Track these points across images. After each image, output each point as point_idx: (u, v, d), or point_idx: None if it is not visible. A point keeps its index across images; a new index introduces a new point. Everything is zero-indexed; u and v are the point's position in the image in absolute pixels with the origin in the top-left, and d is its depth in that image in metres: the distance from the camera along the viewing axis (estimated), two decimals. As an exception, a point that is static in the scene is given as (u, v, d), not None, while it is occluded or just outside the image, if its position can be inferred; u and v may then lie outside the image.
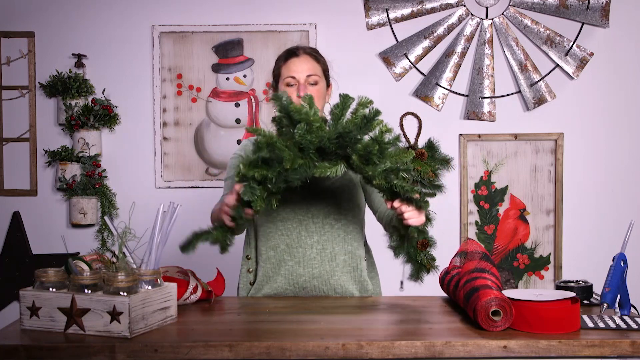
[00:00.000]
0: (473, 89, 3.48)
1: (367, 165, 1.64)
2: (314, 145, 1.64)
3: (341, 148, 1.64)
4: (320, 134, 1.64)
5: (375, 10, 3.48)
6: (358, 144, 1.62)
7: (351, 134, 1.62)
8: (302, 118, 1.66)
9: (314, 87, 2.09)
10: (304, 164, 1.62)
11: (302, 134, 1.63)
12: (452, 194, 3.51)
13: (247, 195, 1.64)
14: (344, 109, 1.72)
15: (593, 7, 3.42)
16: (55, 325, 1.62)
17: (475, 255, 1.83)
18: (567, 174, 3.49)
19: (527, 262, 3.51)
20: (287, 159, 1.60)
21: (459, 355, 1.51)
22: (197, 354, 1.51)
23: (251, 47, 3.50)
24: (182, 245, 1.77)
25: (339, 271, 2.08)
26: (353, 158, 1.64)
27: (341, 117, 1.71)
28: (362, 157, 1.63)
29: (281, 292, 2.08)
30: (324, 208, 2.08)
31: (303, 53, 2.11)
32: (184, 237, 1.78)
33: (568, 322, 1.58)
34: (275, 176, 1.62)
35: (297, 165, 1.61)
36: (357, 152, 1.63)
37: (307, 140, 1.63)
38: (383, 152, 1.65)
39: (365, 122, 1.67)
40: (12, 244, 3.51)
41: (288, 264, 2.07)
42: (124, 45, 3.52)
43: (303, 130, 1.64)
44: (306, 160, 1.63)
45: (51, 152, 3.47)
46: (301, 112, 1.67)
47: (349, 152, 1.64)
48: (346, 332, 1.61)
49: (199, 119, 3.52)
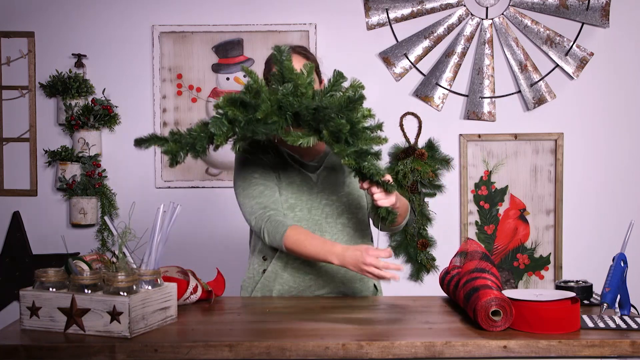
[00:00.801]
0: (473, 89, 3.48)
1: (336, 143, 1.67)
2: (293, 108, 1.66)
3: (315, 121, 1.66)
4: (302, 100, 1.66)
5: (375, 10, 3.48)
6: (331, 121, 1.63)
7: (327, 110, 1.64)
8: (292, 78, 1.68)
9: None
10: (276, 122, 1.64)
11: (285, 93, 1.65)
12: (452, 194, 3.51)
13: (213, 127, 1.65)
14: (335, 85, 1.76)
15: (593, 7, 3.43)
16: (55, 325, 1.62)
17: (475, 255, 1.83)
18: (567, 174, 3.49)
19: (527, 262, 3.51)
20: (262, 109, 1.61)
21: (459, 355, 1.51)
22: (197, 354, 1.51)
23: (251, 47, 3.50)
24: (138, 139, 1.80)
25: (343, 269, 2.08)
26: (324, 133, 1.66)
27: (328, 92, 1.74)
28: (332, 134, 1.66)
29: (287, 290, 2.08)
30: (337, 208, 2.08)
31: (293, 52, 2.11)
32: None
33: (568, 322, 1.58)
34: (245, 121, 1.62)
35: (270, 121, 1.62)
36: (329, 129, 1.65)
37: (288, 102, 1.65)
38: (356, 134, 1.67)
39: (348, 103, 1.69)
40: (12, 244, 3.51)
41: (295, 262, 2.07)
42: (124, 45, 3.52)
43: (288, 90, 1.66)
44: (280, 119, 1.64)
45: (51, 152, 3.47)
46: (292, 72, 1.69)
47: (321, 127, 1.66)
48: (346, 332, 1.61)
49: (199, 119, 3.52)
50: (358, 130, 1.67)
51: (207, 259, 3.33)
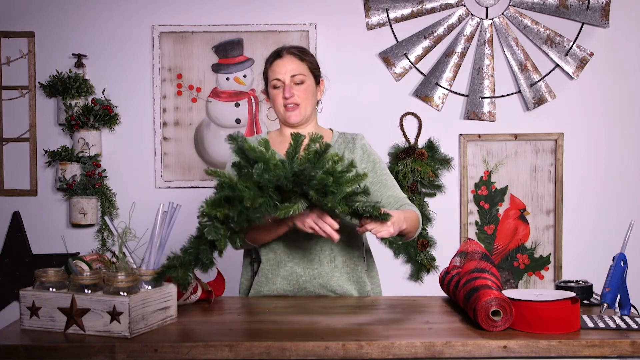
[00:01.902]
0: (473, 89, 3.48)
1: (326, 197, 1.67)
2: (272, 184, 1.67)
3: (298, 185, 1.67)
4: (277, 172, 1.68)
5: (375, 10, 3.48)
6: (313, 180, 1.65)
7: (305, 171, 1.66)
8: (258, 157, 1.70)
9: (300, 87, 2.10)
10: (264, 203, 1.65)
11: (259, 173, 1.67)
12: (452, 194, 3.51)
13: (211, 235, 1.65)
14: (297, 146, 1.77)
15: (593, 7, 3.43)
16: (55, 325, 1.62)
17: (475, 255, 1.83)
18: (567, 174, 3.49)
19: (527, 262, 3.51)
20: (247, 197, 1.63)
21: (459, 355, 1.51)
22: (197, 354, 1.51)
23: (251, 47, 3.50)
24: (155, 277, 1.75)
25: (338, 272, 2.08)
26: (311, 193, 1.67)
27: (295, 155, 1.75)
28: (319, 192, 1.67)
29: (280, 292, 2.08)
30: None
31: (287, 54, 2.12)
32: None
33: (568, 322, 1.58)
34: (237, 215, 1.64)
35: (258, 204, 1.64)
36: (314, 188, 1.66)
37: (265, 179, 1.67)
38: (339, 182, 1.68)
39: (318, 157, 1.71)
40: (12, 244, 3.51)
41: (287, 265, 2.07)
42: (124, 45, 3.52)
43: (260, 169, 1.68)
44: (266, 198, 1.66)
45: (51, 152, 3.47)
46: (255, 150, 1.71)
47: (305, 189, 1.67)
48: (346, 332, 1.61)
49: (199, 119, 3.52)
50: (337, 177, 1.68)
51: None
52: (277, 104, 2.12)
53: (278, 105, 2.11)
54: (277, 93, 2.10)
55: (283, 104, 2.10)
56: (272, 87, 2.11)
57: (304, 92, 2.10)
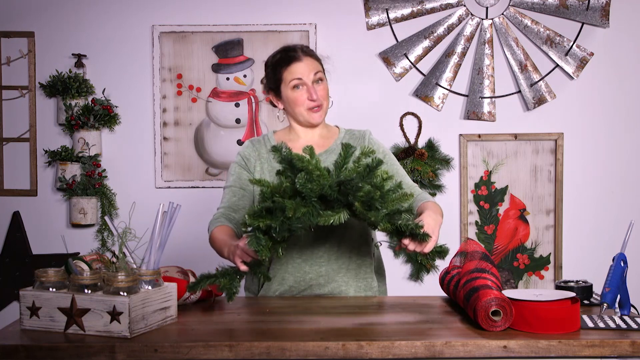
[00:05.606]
0: (473, 89, 3.48)
1: (370, 211, 1.66)
2: (315, 193, 1.66)
3: (343, 195, 1.66)
4: (322, 182, 1.67)
5: (375, 10, 3.48)
6: (360, 191, 1.64)
7: (352, 182, 1.65)
8: (304, 167, 1.69)
9: (320, 84, 2.11)
10: (307, 212, 1.64)
11: (302, 183, 1.66)
12: (452, 194, 3.51)
13: (253, 245, 1.65)
14: (347, 157, 1.78)
15: (593, 7, 3.43)
16: (55, 325, 1.62)
17: (475, 255, 1.83)
18: (567, 174, 3.49)
19: (527, 262, 3.51)
20: (290, 207, 1.62)
21: (459, 355, 1.51)
22: (197, 354, 1.51)
23: (251, 47, 3.50)
24: (191, 284, 1.79)
25: (344, 269, 2.09)
26: (356, 205, 1.65)
27: (343, 165, 1.76)
28: (364, 204, 1.65)
29: (287, 289, 2.09)
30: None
31: (304, 55, 2.11)
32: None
33: (568, 322, 1.58)
34: (279, 225, 1.63)
35: (300, 214, 1.63)
36: (359, 199, 1.65)
37: (308, 189, 1.65)
38: (384, 198, 1.68)
39: (369, 171, 1.70)
40: (12, 244, 3.51)
41: (296, 262, 2.08)
42: (124, 45, 3.52)
43: (303, 179, 1.67)
44: (309, 208, 1.65)
45: (51, 152, 3.47)
46: (303, 160, 1.71)
47: (350, 199, 1.66)
48: (346, 332, 1.61)
49: (199, 119, 3.52)
50: (384, 194, 1.68)
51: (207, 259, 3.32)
52: (298, 104, 2.10)
53: (300, 106, 2.10)
54: (299, 94, 2.09)
55: (308, 105, 2.10)
56: (291, 87, 2.09)
57: (324, 90, 2.11)
